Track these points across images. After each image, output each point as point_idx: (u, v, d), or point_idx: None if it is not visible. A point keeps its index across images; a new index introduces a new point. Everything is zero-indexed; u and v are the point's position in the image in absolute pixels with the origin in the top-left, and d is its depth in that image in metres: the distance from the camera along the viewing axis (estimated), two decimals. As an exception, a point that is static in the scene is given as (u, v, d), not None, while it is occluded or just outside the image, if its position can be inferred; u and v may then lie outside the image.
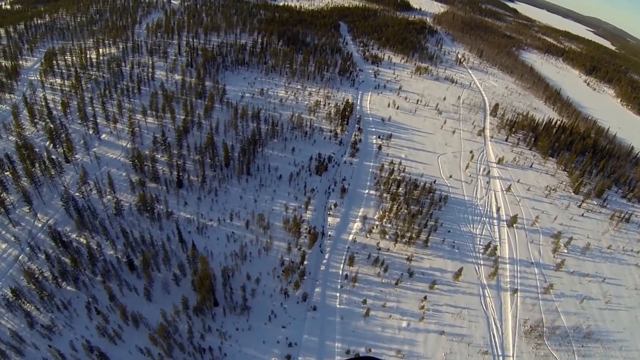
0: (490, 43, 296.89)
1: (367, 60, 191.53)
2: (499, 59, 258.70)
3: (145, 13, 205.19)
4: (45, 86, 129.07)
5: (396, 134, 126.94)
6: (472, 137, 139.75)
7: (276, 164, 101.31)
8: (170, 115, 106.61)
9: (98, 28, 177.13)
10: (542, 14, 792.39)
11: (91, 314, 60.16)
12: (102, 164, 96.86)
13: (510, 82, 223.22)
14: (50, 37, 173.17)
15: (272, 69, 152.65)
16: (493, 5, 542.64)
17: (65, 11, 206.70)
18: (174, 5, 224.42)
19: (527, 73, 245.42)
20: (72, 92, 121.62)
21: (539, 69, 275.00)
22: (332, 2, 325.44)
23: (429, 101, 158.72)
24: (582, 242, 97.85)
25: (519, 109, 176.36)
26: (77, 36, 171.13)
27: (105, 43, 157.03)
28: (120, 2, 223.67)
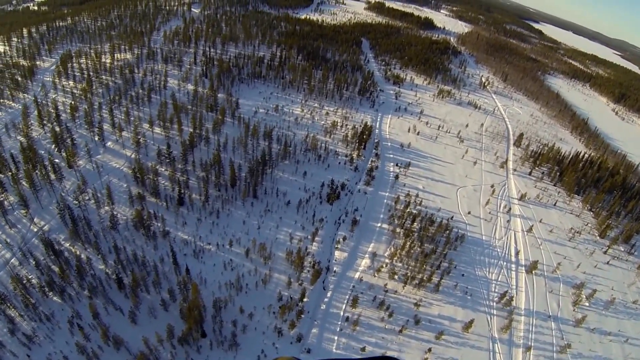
0: (515, 66, 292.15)
1: (389, 80, 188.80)
2: (524, 83, 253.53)
3: (164, 20, 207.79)
4: (57, 88, 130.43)
5: (415, 162, 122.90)
6: (494, 169, 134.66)
7: (285, 188, 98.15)
8: (177, 127, 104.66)
9: (116, 33, 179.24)
10: (567, 36, 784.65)
11: (73, 329, 58.32)
12: (104, 172, 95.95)
13: (536, 109, 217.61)
14: (70, 39, 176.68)
15: (290, 85, 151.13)
16: (518, 26, 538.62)
17: (87, 15, 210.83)
18: (194, 14, 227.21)
19: (553, 100, 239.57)
20: (83, 97, 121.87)
21: (565, 95, 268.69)
22: (354, 18, 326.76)
23: (450, 127, 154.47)
24: (606, 294, 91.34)
25: (544, 139, 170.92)
26: (95, 40, 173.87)
27: (121, 48, 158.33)
28: (141, 8, 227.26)
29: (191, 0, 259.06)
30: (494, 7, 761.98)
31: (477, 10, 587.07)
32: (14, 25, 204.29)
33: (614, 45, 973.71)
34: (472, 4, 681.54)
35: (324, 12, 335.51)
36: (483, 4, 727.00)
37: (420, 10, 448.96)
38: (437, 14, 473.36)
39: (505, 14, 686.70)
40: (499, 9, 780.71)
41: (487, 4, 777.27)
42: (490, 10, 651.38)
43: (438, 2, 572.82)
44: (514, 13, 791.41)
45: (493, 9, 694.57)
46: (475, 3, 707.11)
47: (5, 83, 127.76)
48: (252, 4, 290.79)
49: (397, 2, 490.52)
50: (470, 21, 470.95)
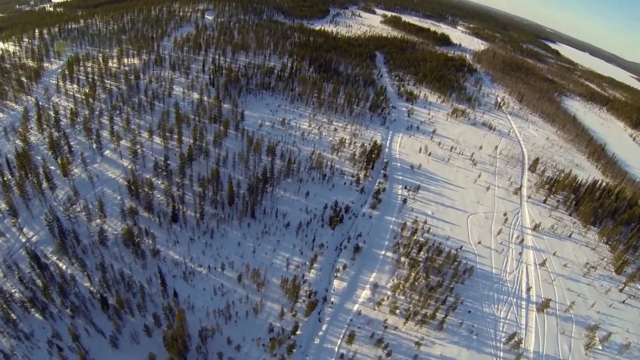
0: (531, 87, 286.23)
1: (402, 96, 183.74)
2: (540, 105, 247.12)
3: (176, 26, 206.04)
4: (60, 91, 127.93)
5: (425, 186, 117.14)
6: (507, 196, 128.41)
7: (286, 208, 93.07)
8: (177, 138, 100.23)
9: (126, 37, 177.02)
10: (584, 57, 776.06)
11: (52, 350, 54.82)
12: (99, 182, 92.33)
13: (552, 132, 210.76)
14: (80, 42, 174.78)
15: (299, 97, 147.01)
16: (534, 46, 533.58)
17: (100, 18, 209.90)
18: (207, 21, 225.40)
19: (570, 123, 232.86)
20: (85, 102, 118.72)
21: (582, 118, 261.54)
22: (370, 31, 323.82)
23: (463, 149, 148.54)
24: (621, 337, 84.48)
25: (560, 165, 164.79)
26: (105, 44, 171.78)
27: (129, 53, 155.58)
28: (155, 13, 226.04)
29: (205, 7, 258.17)
30: (510, 25, 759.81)
31: (493, 28, 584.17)
32: (27, 25, 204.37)
33: (631, 68, 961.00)
34: (489, 21, 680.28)
35: (339, 24, 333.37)
36: (500, 22, 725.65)
37: (436, 26, 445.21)
38: (454, 31, 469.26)
39: (522, 32, 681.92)
40: (516, 27, 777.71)
41: (503, 22, 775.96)
42: (506, 29, 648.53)
43: (455, 19, 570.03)
44: (531, 32, 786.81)
45: (510, 28, 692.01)
46: (491, 21, 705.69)
47: (10, 84, 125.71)
48: (267, 13, 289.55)
49: (413, 16, 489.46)
50: (487, 39, 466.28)
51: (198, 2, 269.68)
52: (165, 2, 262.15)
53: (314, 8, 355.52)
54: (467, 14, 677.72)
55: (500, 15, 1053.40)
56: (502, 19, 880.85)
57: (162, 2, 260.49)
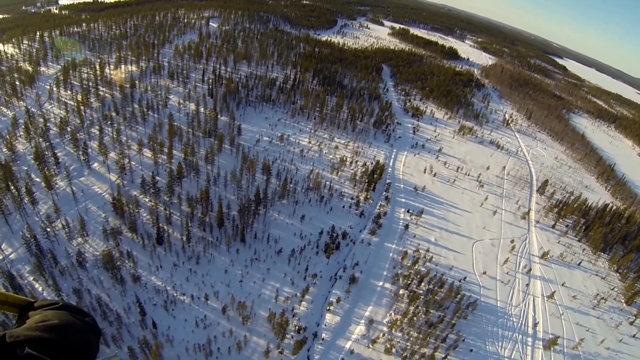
0: (539, 103, 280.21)
1: (408, 112, 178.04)
2: (549, 122, 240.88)
3: (180, 33, 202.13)
4: (53, 98, 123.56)
5: (429, 209, 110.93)
6: (514, 220, 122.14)
7: (279, 233, 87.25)
8: (167, 153, 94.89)
9: (127, 43, 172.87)
10: (591, 73, 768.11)
11: None
12: (84, 198, 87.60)
13: (560, 151, 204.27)
14: (80, 47, 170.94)
15: (300, 111, 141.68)
16: (542, 61, 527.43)
17: (103, 22, 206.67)
18: (212, 28, 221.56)
19: (578, 142, 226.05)
20: (76, 110, 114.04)
21: (591, 136, 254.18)
22: (377, 43, 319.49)
23: (470, 169, 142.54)
24: None
25: (569, 186, 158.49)
26: (105, 49, 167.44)
27: (128, 60, 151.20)
28: (159, 19, 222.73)
29: (211, 15, 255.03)
30: (518, 40, 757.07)
31: (501, 42, 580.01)
32: (28, 27, 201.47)
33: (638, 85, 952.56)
34: (497, 35, 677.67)
35: (347, 35, 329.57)
36: (508, 37, 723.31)
37: (445, 39, 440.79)
38: (462, 44, 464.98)
39: (529, 47, 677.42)
40: (524, 42, 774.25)
41: (511, 36, 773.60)
42: (514, 43, 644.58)
43: (463, 32, 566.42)
44: (538, 47, 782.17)
45: (517, 42, 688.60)
46: (499, 35, 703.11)
47: (4, 88, 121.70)
48: (273, 22, 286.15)
49: (422, 29, 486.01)
50: (495, 53, 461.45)
51: (204, 9, 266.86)
52: (170, 8, 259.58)
53: (322, 18, 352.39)
54: (476, 28, 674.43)
55: (508, 30, 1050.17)
56: (510, 34, 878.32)
57: (167, 8, 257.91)
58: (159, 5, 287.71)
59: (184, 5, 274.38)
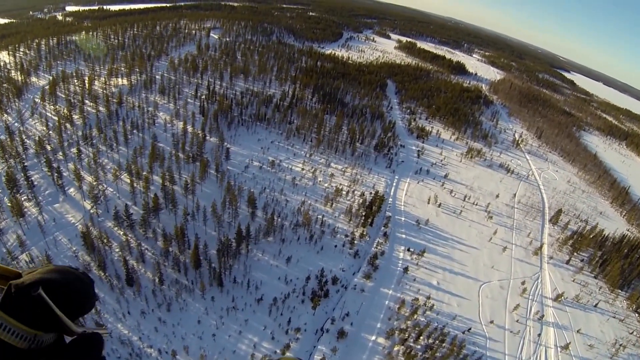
0: (549, 120, 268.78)
1: (412, 133, 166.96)
2: (560, 141, 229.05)
3: (178, 44, 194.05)
4: (36, 112, 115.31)
5: (432, 246, 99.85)
6: (526, 257, 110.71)
7: (261, 276, 76.74)
8: (144, 182, 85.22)
9: (122, 55, 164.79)
10: (598, 87, 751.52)
11: None
12: (55, 228, 78.31)
13: (572, 173, 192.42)
14: (74, 57, 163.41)
15: (296, 133, 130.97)
16: (550, 75, 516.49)
17: (103, 31, 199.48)
18: (212, 40, 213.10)
19: (591, 162, 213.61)
20: (57, 127, 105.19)
21: (602, 155, 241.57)
22: (383, 57, 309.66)
23: (478, 197, 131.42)
24: None
25: (583, 213, 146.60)
26: (100, 60, 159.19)
27: (119, 72, 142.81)
28: (160, 29, 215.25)
29: (212, 25, 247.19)
30: (526, 54, 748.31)
31: (509, 56, 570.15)
32: (28, 34, 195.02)
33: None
34: (504, 49, 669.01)
35: (352, 48, 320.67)
36: (515, 50, 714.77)
37: (452, 53, 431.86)
38: (469, 59, 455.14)
39: (537, 61, 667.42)
40: (531, 56, 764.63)
41: (519, 50, 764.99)
42: (522, 57, 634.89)
43: (470, 46, 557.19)
44: (546, 61, 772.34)
45: (525, 56, 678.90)
46: (507, 49, 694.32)
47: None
48: (277, 34, 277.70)
49: (429, 43, 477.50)
50: (503, 68, 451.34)
51: (206, 19, 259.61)
52: (173, 17, 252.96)
53: (327, 31, 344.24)
54: (483, 42, 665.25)
55: (515, 43, 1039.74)
56: (517, 47, 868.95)
57: (170, 18, 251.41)
58: (162, 14, 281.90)
59: (187, 15, 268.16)
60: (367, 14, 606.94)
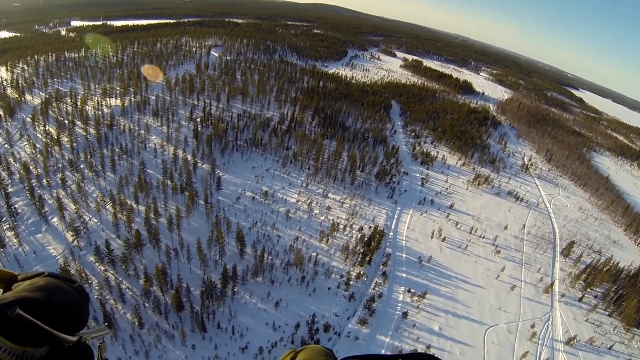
0: (559, 142, 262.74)
1: (416, 158, 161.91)
2: (570, 164, 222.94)
3: (177, 63, 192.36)
4: (26, 134, 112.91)
5: (434, 286, 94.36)
6: (536, 295, 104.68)
7: (248, 321, 71.83)
8: (126, 215, 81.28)
9: (118, 73, 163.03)
10: (607, 104, 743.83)
11: None
12: (35, 261, 74.98)
13: (584, 199, 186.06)
14: (71, 75, 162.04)
15: (293, 159, 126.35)
16: (558, 93, 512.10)
17: (101, 49, 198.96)
18: (212, 58, 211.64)
19: (603, 186, 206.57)
20: (44, 151, 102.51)
21: (614, 178, 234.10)
22: (388, 76, 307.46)
23: (485, 230, 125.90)
24: None
25: (596, 243, 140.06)
26: (96, 79, 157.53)
27: (114, 92, 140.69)
28: (160, 46, 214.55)
29: (214, 43, 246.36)
30: (534, 71, 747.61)
31: (516, 74, 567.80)
32: (28, 50, 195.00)
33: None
34: (512, 66, 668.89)
35: (356, 67, 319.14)
36: (523, 68, 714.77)
37: (459, 72, 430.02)
38: (477, 77, 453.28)
39: (545, 79, 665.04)
40: (539, 73, 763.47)
41: (526, 67, 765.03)
42: (530, 75, 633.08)
43: (478, 64, 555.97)
44: (554, 78, 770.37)
45: (533, 74, 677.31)
46: (514, 66, 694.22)
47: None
48: (280, 52, 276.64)
49: (435, 61, 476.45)
50: (511, 86, 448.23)
51: (208, 37, 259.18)
52: (175, 34, 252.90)
53: (331, 49, 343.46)
54: (490, 59, 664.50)
55: (522, 60, 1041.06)
56: (525, 64, 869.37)
57: (172, 35, 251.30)
58: (165, 31, 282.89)
59: (189, 32, 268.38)
60: (373, 31, 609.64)
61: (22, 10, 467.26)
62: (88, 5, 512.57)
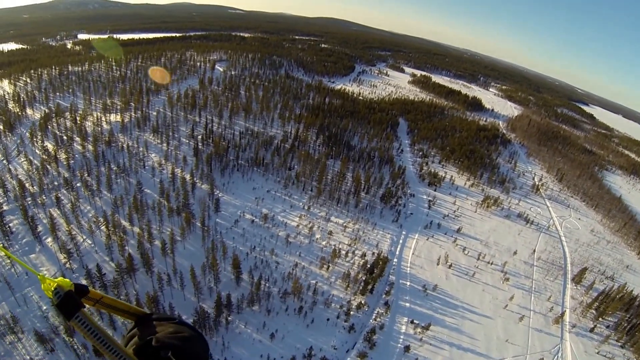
0: (570, 160, 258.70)
1: (424, 179, 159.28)
2: (581, 184, 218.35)
3: (181, 77, 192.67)
4: (23, 150, 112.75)
5: (439, 317, 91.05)
6: (545, 326, 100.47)
7: (241, 353, 69.36)
8: (119, 238, 79.73)
9: (120, 88, 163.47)
10: (618, 120, 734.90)
11: None
12: (28, 283, 73.90)
13: (596, 221, 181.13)
14: (73, 89, 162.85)
15: (295, 180, 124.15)
16: (569, 110, 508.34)
17: (105, 63, 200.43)
18: (217, 73, 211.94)
19: (615, 207, 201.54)
20: (41, 169, 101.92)
21: (627, 198, 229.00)
22: (396, 92, 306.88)
23: (494, 255, 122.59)
24: None
25: (609, 268, 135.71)
26: (98, 93, 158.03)
27: (114, 108, 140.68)
28: (165, 61, 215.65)
29: (219, 57, 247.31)
30: (543, 87, 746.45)
31: (526, 89, 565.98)
32: (32, 63, 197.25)
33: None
34: (521, 82, 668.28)
35: (363, 83, 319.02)
36: (532, 83, 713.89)
37: (468, 88, 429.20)
38: (486, 93, 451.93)
39: (555, 94, 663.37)
40: (549, 89, 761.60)
41: (535, 83, 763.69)
42: (539, 91, 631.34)
43: (487, 80, 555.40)
44: (564, 94, 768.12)
45: (542, 89, 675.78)
46: (524, 81, 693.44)
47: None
48: (286, 67, 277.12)
49: (444, 76, 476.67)
50: (521, 102, 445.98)
51: (213, 51, 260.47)
52: (181, 49, 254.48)
53: (339, 64, 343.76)
54: (500, 75, 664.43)
55: (532, 76, 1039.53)
56: (534, 80, 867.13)
57: (177, 49, 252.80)
58: (170, 45, 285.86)
59: (194, 46, 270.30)
60: (382, 45, 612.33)
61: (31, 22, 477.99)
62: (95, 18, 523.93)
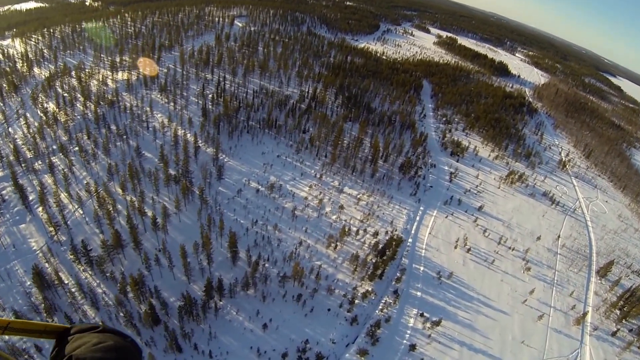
0: (598, 135, 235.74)
1: (446, 148, 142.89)
2: (609, 162, 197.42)
3: (196, 33, 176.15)
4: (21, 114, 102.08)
5: (451, 310, 78.70)
6: (565, 327, 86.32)
7: (230, 343, 59.26)
8: (107, 212, 68.91)
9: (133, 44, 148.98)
10: None
11: None
12: (14, 255, 66.43)
13: (624, 204, 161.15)
14: (83, 47, 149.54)
15: (309, 145, 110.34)
16: (596, 80, 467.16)
17: (121, 18, 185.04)
18: (235, 29, 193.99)
19: None
20: (39, 133, 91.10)
21: None
22: (420, 53, 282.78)
23: (516, 239, 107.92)
24: None
25: (636, 261, 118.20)
26: (109, 50, 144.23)
27: (122, 65, 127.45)
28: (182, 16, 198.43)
29: (238, 13, 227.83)
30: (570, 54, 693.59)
31: (553, 57, 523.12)
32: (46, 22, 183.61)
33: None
34: (548, 49, 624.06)
35: (388, 42, 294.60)
36: (559, 51, 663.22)
37: (494, 52, 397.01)
38: (512, 58, 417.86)
39: (582, 63, 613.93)
40: (576, 57, 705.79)
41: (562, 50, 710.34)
42: (566, 59, 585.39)
43: (513, 44, 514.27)
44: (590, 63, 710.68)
45: (569, 57, 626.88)
46: (551, 48, 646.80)
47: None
48: (308, 24, 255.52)
49: (470, 39, 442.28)
50: (547, 70, 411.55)
51: (233, 6, 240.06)
52: (200, 3, 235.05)
53: (363, 22, 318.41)
54: (526, 40, 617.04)
55: (558, 43, 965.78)
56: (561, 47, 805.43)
57: (196, 3, 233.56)
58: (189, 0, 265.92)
59: (214, 1, 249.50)
60: (408, 5, 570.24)
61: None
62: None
